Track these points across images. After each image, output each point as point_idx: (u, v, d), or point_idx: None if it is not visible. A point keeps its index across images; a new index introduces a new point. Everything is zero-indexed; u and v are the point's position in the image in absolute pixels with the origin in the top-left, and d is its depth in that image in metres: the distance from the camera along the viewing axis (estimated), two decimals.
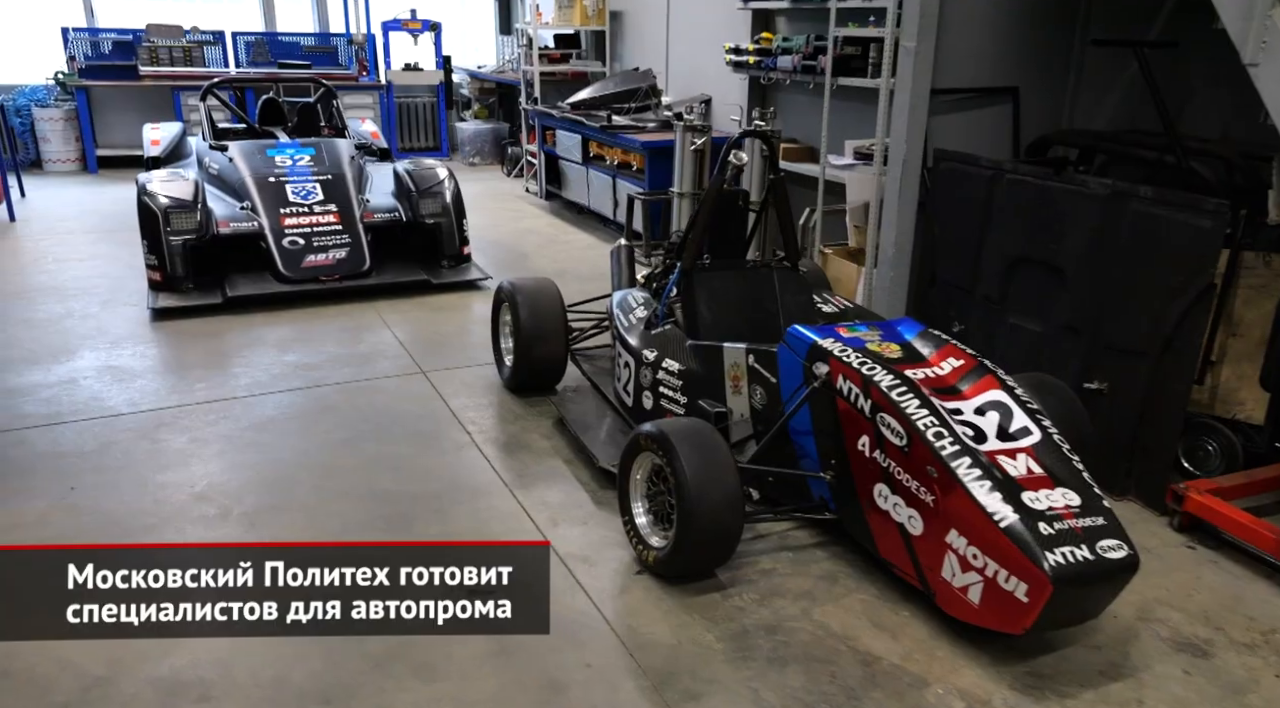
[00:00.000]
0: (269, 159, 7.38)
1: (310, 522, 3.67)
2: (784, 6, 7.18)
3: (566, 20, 10.36)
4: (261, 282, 6.56)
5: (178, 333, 5.85)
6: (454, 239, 7.16)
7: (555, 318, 4.79)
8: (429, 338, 5.82)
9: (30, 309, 6.20)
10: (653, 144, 7.88)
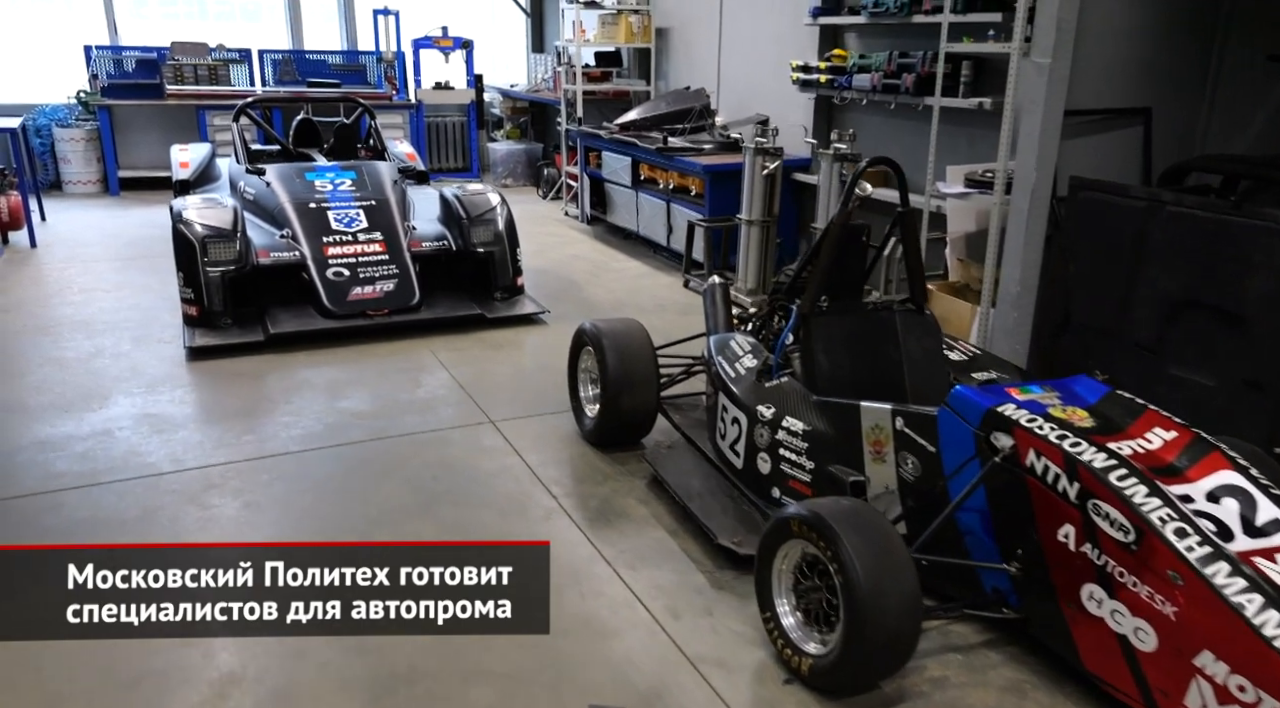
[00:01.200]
0: (308, 183, 6.94)
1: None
2: (859, 22, 6.72)
3: (610, 37, 9.93)
4: (304, 317, 6.09)
5: (217, 374, 5.37)
6: (507, 270, 6.69)
7: (646, 365, 4.31)
8: (491, 380, 5.34)
9: (58, 346, 5.73)
10: (715, 168, 7.41)
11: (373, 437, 4.56)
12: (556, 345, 5.85)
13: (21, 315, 6.38)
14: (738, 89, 8.78)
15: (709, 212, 7.48)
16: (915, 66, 6.09)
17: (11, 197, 8.30)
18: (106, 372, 5.35)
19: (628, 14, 9.74)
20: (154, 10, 12.39)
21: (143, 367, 5.46)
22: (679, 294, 7.33)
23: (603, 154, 9.07)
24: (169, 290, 6.77)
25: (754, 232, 6.81)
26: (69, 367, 5.41)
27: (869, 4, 6.48)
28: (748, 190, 6.77)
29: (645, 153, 8.19)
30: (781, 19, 8.02)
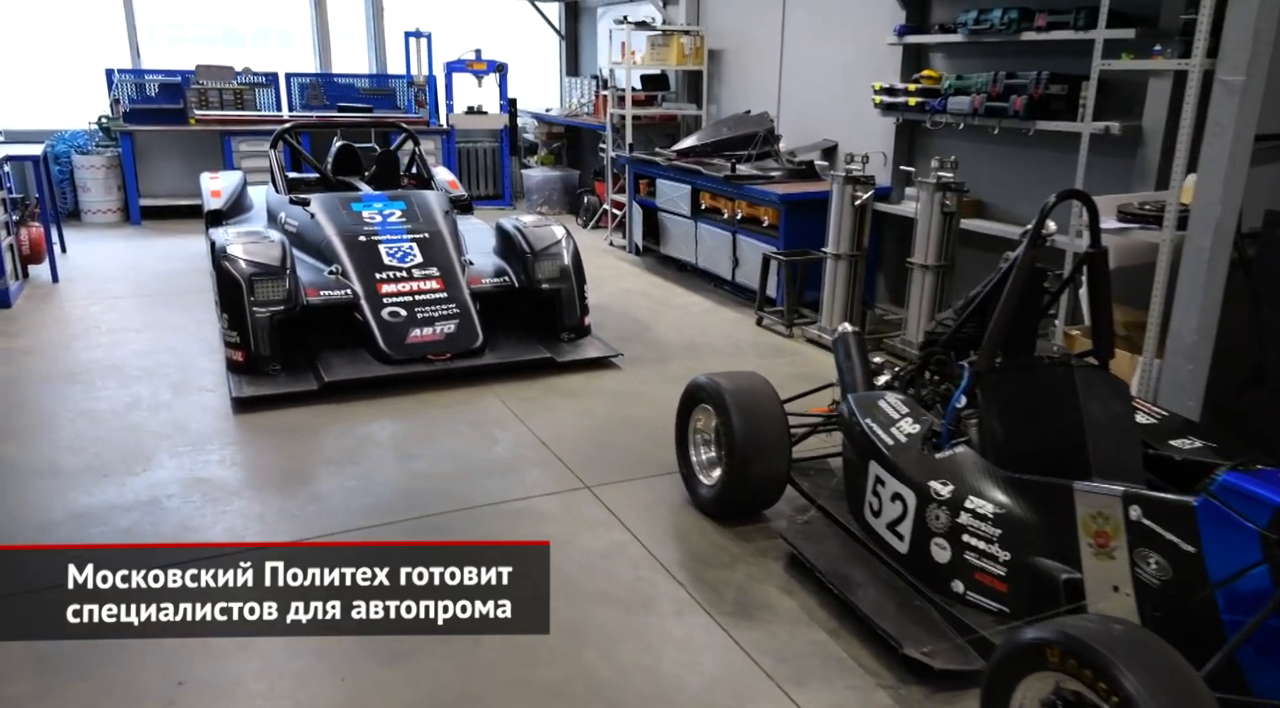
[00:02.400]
0: (355, 214, 6.42)
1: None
2: (954, 40, 6.21)
3: (660, 59, 9.44)
4: (358, 362, 5.54)
5: (270, 429, 4.82)
6: (575, 309, 6.15)
7: (776, 427, 3.75)
8: (574, 435, 4.78)
9: (91, 397, 5.18)
10: (792, 197, 6.89)
11: (455, 506, 4.00)
12: (637, 394, 5.32)
13: (47, 359, 5.83)
14: (801, 113, 8.27)
15: (783, 244, 6.95)
16: (1027, 87, 5.57)
17: (33, 228, 7.79)
18: (146, 427, 4.80)
19: (679, 35, 9.25)
20: (177, 34, 11.94)
21: (186, 420, 4.91)
22: (754, 334, 6.78)
23: (656, 182, 8.56)
24: (204, 331, 6.26)
25: (841, 266, 6.27)
26: (103, 421, 4.86)
27: (967, 21, 5.97)
28: (835, 222, 6.24)
29: (709, 181, 7.67)
30: (853, 39, 7.53)
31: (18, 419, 4.83)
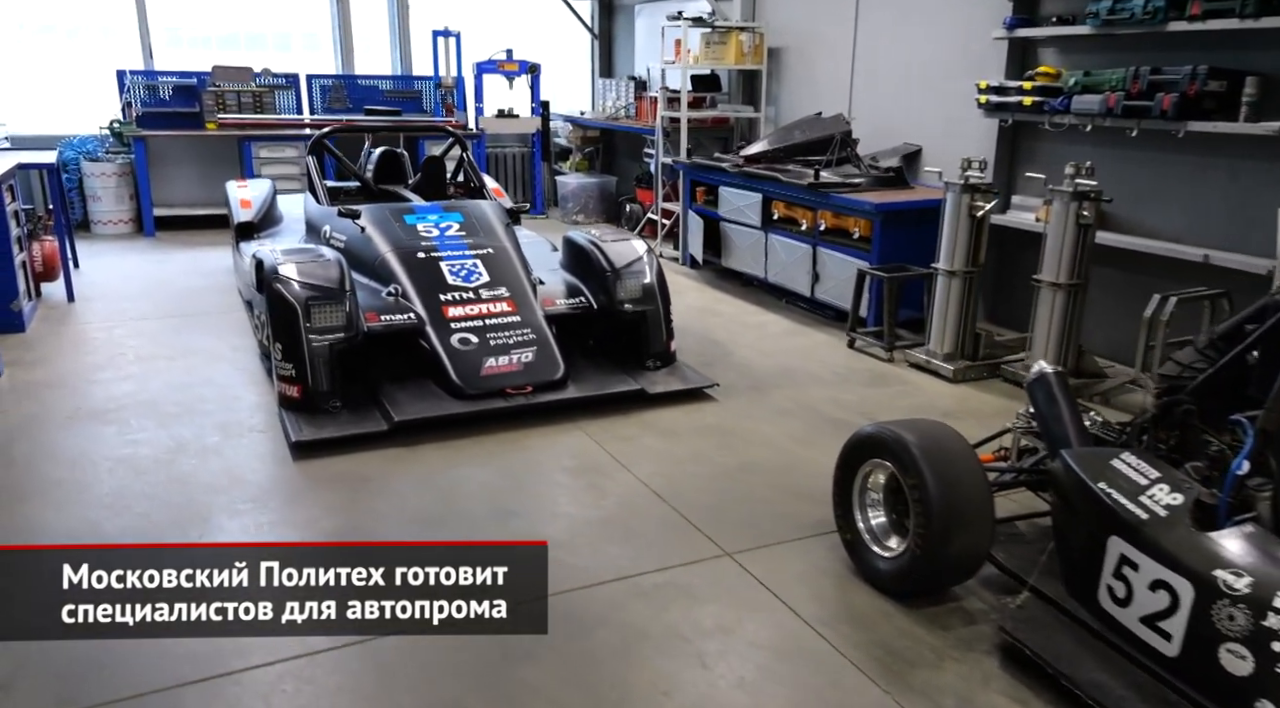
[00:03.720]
0: (410, 228, 5.78)
1: None
2: (1080, 32, 5.60)
3: (716, 58, 8.81)
4: (428, 397, 4.90)
5: (340, 480, 4.17)
6: (661, 333, 5.52)
7: (979, 490, 3.12)
8: (692, 486, 4.14)
9: (126, 439, 4.53)
10: (889, 207, 6.26)
11: (581, 583, 3.35)
12: (744, 432, 4.70)
13: (71, 394, 5.18)
14: (877, 115, 7.66)
15: (877, 259, 6.33)
16: (1179, 83, 4.96)
17: (46, 243, 7.12)
18: (196, 478, 4.15)
19: (738, 32, 8.63)
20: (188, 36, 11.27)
21: (240, 469, 4.25)
22: (847, 358, 6.15)
23: (719, 190, 7.93)
24: (243, 359, 5.62)
25: (954, 285, 5.64)
26: (146, 471, 4.20)
27: (1099, 11, 5.35)
28: (949, 235, 5.62)
29: (787, 189, 7.04)
30: (941, 34, 6.93)
31: (47, 470, 4.18)
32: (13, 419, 4.78)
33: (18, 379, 5.39)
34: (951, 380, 5.58)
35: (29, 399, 5.08)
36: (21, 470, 4.17)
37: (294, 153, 10.14)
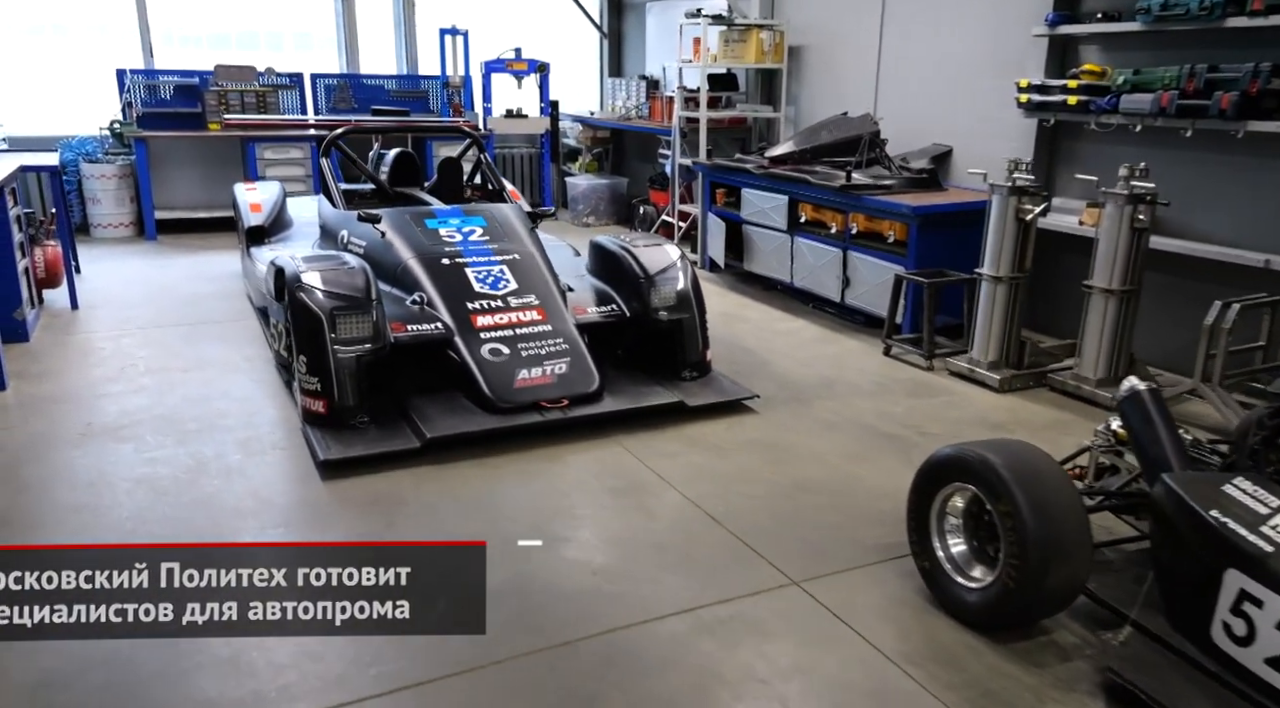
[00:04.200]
0: (431, 232, 5.56)
1: None
2: (1129, 29, 5.40)
3: (736, 57, 8.60)
4: (459, 411, 4.68)
5: (372, 502, 3.94)
6: (697, 342, 5.31)
7: (1076, 518, 2.92)
8: (746, 507, 3.93)
9: (144, 458, 4.29)
10: (927, 210, 6.05)
11: (641, 617, 3.14)
12: (791, 447, 4.50)
13: (82, 408, 4.93)
14: (904, 114, 7.46)
15: (914, 263, 6.12)
16: (1240, 82, 4.77)
17: (49, 248, 6.86)
18: (220, 501, 3.91)
19: (758, 30, 8.41)
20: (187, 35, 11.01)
21: (267, 490, 4.03)
22: (883, 366, 5.95)
23: (742, 192, 7.72)
24: (259, 370, 5.39)
25: (1000, 291, 5.44)
26: (167, 492, 3.97)
27: (1151, 7, 5.15)
28: (994, 239, 5.42)
29: (816, 191, 6.83)
30: (974, 32, 6.74)
31: (63, 494, 3.94)
32: (21, 437, 4.54)
33: (24, 393, 5.15)
34: (997, 390, 5.38)
35: (37, 415, 4.83)
36: (35, 495, 3.93)
37: (299, 154, 9.91)
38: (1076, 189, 6.01)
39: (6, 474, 4.12)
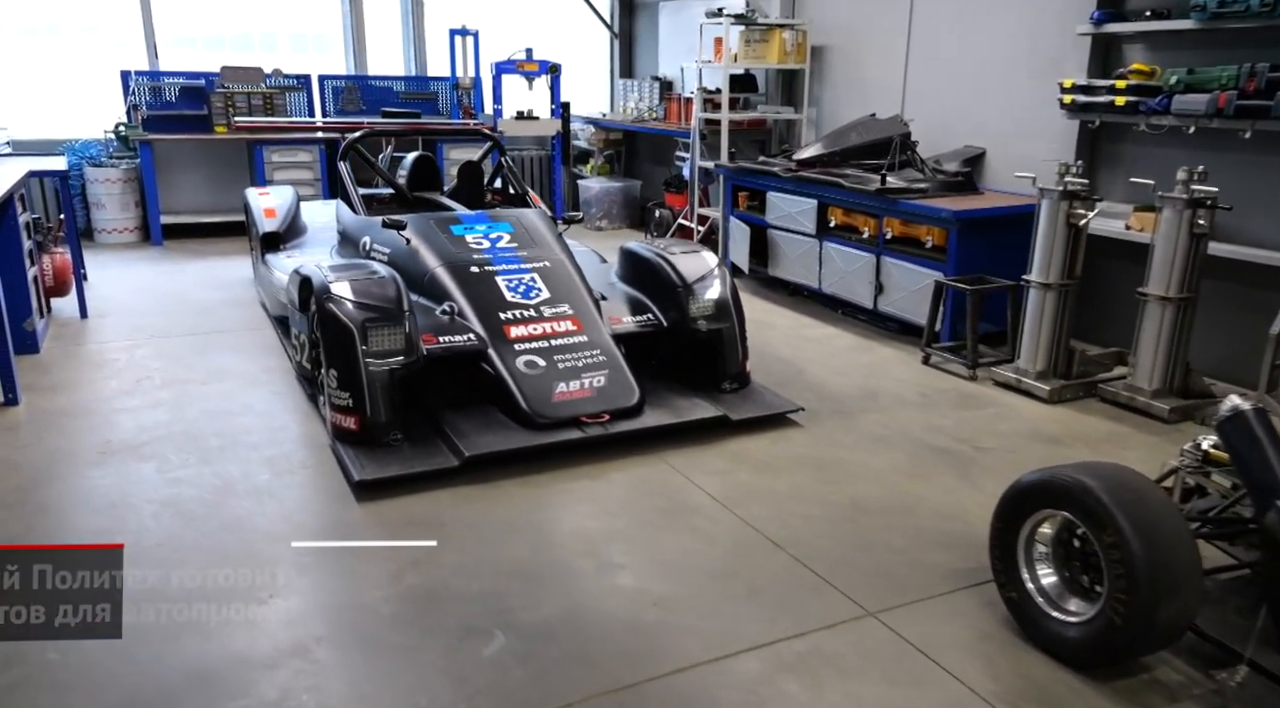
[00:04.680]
0: (458, 239, 5.36)
1: None
2: (1177, 27, 5.23)
3: (757, 57, 8.42)
4: (494, 426, 4.48)
5: (412, 525, 3.74)
6: (737, 352, 5.12)
7: (1186, 548, 2.72)
8: (807, 529, 3.74)
9: (168, 478, 4.08)
10: (968, 215, 5.87)
11: (715, 653, 2.94)
12: (843, 463, 4.32)
13: (99, 424, 4.73)
14: (933, 116, 7.29)
15: (953, 269, 5.94)
16: None
17: (57, 255, 6.65)
18: (251, 524, 3.71)
19: (780, 30, 8.23)
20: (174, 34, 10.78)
21: (299, 514, 3.82)
22: (923, 375, 5.76)
23: (767, 195, 7.53)
24: (280, 383, 5.20)
25: (1049, 298, 5.26)
26: (195, 516, 3.76)
27: (1207, 3, 4.97)
28: (1044, 244, 5.24)
29: (849, 195, 6.65)
30: (1011, 31, 6.57)
31: (84, 518, 3.73)
32: (38, 456, 4.33)
33: (37, 408, 4.94)
34: (1047, 402, 5.20)
35: (53, 431, 4.62)
36: (55, 519, 3.72)
37: (308, 157, 9.70)
38: (1120, 192, 5.84)
39: (24, 496, 3.91)
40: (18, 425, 4.70)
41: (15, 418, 4.80)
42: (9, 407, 4.92)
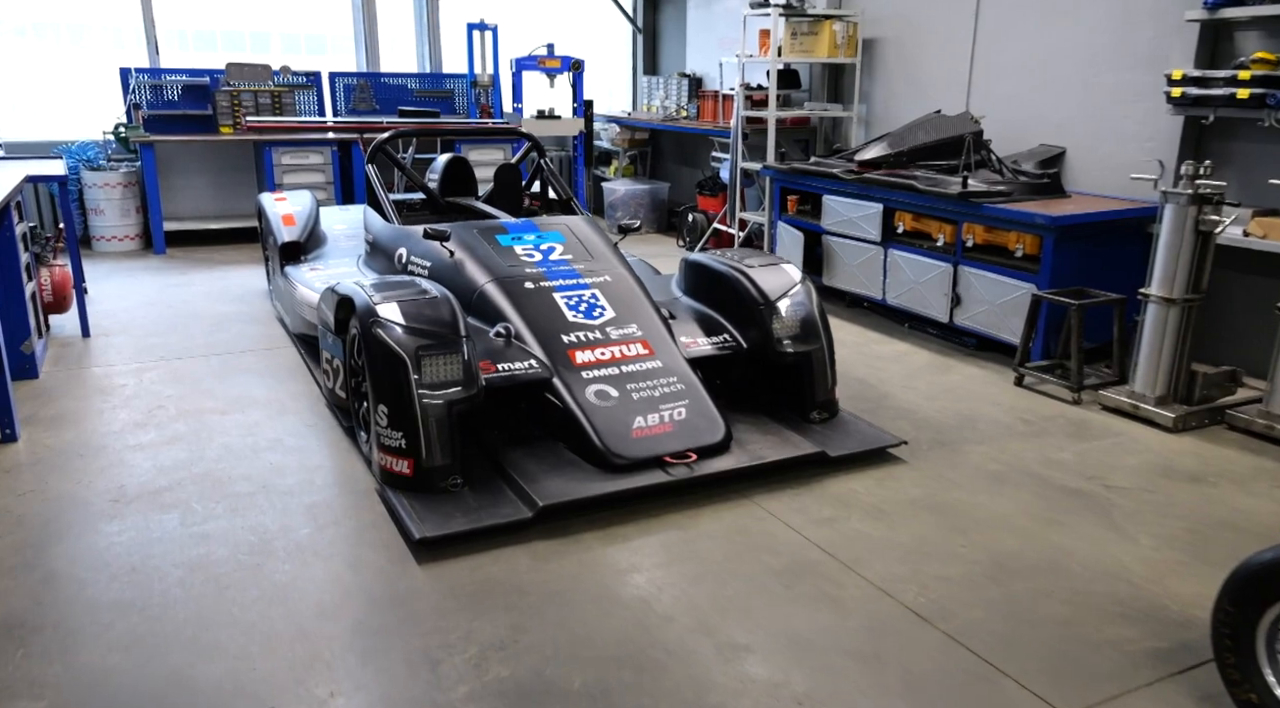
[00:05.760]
0: (506, 251, 4.82)
1: None
2: None
3: (806, 51, 7.86)
4: (563, 466, 3.94)
5: (489, 595, 3.17)
6: (826, 378, 4.57)
7: None
8: (952, 595, 3.18)
9: (195, 534, 3.51)
10: (1066, 220, 5.32)
11: None
12: (963, 508, 3.80)
13: (109, 464, 4.15)
14: (1002, 112, 6.75)
15: (1048, 281, 5.40)
16: None
17: (56, 268, 6.07)
18: (298, 595, 3.13)
19: (831, 22, 7.68)
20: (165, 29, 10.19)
21: (351, 577, 3.25)
22: (1022, 399, 5.22)
23: (823, 199, 6.99)
24: (309, 411, 4.63)
25: (1171, 315, 4.71)
26: (230, 585, 3.19)
27: None
28: (1166, 255, 4.69)
29: (923, 199, 6.10)
30: (1098, 17, 6.04)
31: (101, 587, 3.15)
32: (42, 505, 3.75)
33: (39, 444, 4.36)
34: (1171, 430, 4.66)
35: (58, 473, 4.04)
36: (65, 589, 3.15)
37: (319, 159, 9.14)
38: (1233, 194, 5.31)
39: (29, 558, 3.34)
40: (18, 467, 4.12)
41: (15, 457, 4.22)
42: (7, 443, 4.36)
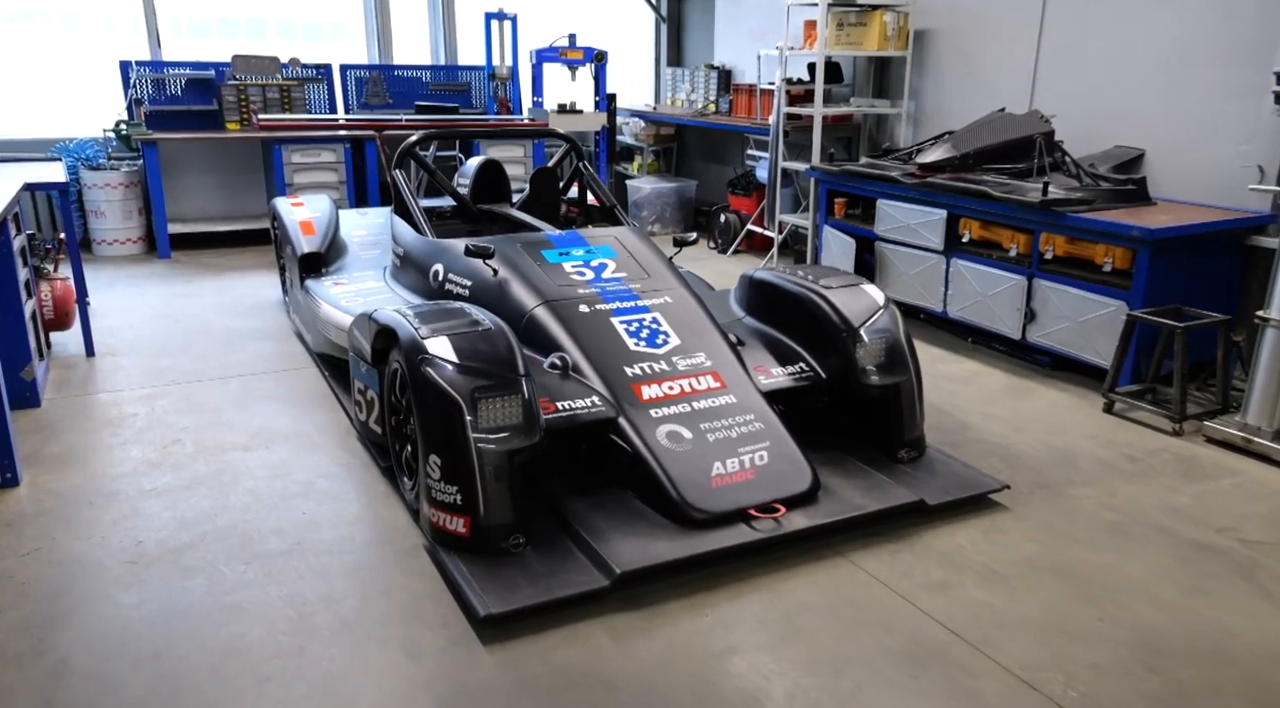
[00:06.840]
0: (554, 268, 4.37)
1: None
2: None
3: (853, 43, 7.40)
4: (635, 520, 3.50)
5: (568, 687, 2.74)
6: (915, 414, 4.12)
7: None
8: (1099, 687, 2.77)
9: (224, 606, 3.07)
10: (1164, 232, 4.87)
11: None
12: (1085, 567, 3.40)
13: (122, 514, 3.70)
14: (1072, 110, 6.30)
15: (1141, 298, 4.96)
16: None
17: (58, 282, 5.60)
18: (350, 689, 2.69)
19: (881, 11, 7.21)
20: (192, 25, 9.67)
21: (410, 667, 2.81)
22: (1115, 429, 4.79)
23: (878, 204, 6.54)
24: (338, 447, 4.20)
25: None
26: (271, 676, 2.74)
27: None
28: None
29: (998, 206, 5.65)
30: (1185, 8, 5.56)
31: (121, 684, 2.70)
32: (49, 570, 3.30)
33: (43, 490, 3.91)
34: None
35: (65, 527, 3.60)
36: (81, 686, 2.70)
37: (332, 158, 8.67)
38: None
39: (36, 641, 2.89)
40: (21, 518, 3.68)
41: (17, 506, 3.77)
42: (8, 489, 3.91)
